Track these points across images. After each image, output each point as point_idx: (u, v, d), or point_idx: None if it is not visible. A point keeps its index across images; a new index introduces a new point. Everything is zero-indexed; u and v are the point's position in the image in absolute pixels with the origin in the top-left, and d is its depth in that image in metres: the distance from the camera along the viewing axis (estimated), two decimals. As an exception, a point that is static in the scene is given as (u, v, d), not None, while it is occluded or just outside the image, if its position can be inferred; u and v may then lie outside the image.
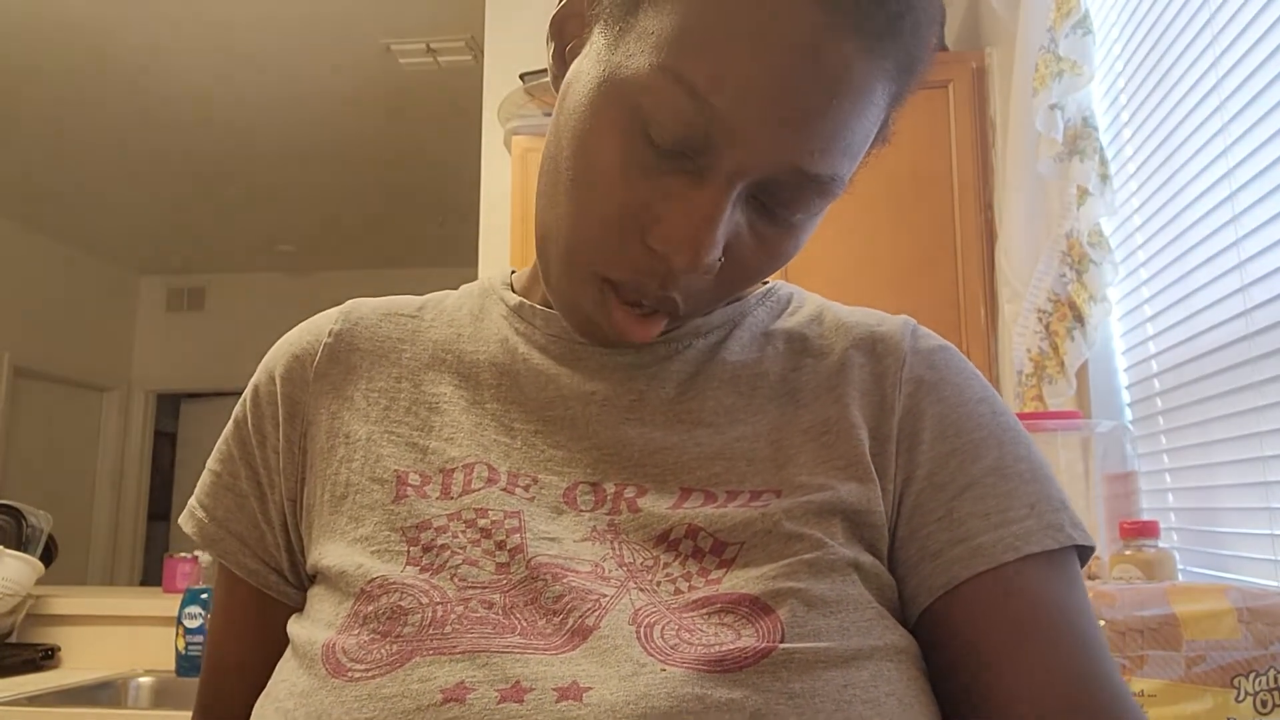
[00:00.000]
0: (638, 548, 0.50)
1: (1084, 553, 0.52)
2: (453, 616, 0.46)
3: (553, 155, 0.51)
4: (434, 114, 4.01)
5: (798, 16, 0.43)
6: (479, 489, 0.52)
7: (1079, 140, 1.42)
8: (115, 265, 6.22)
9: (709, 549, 0.49)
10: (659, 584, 0.48)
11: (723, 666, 0.43)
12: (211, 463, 0.61)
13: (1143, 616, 0.87)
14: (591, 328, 0.53)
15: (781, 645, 0.44)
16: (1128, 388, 1.51)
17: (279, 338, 0.62)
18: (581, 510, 0.52)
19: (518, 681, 0.43)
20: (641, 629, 0.45)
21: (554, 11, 0.54)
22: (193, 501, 0.60)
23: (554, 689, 0.42)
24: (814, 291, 0.64)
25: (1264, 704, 0.81)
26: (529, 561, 0.49)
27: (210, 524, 0.58)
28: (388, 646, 0.46)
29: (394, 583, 0.48)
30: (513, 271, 0.65)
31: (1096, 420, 1.46)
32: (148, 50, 3.53)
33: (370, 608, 0.48)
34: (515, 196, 2.33)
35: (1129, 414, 1.51)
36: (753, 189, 0.48)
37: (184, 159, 4.54)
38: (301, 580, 0.57)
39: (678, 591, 0.48)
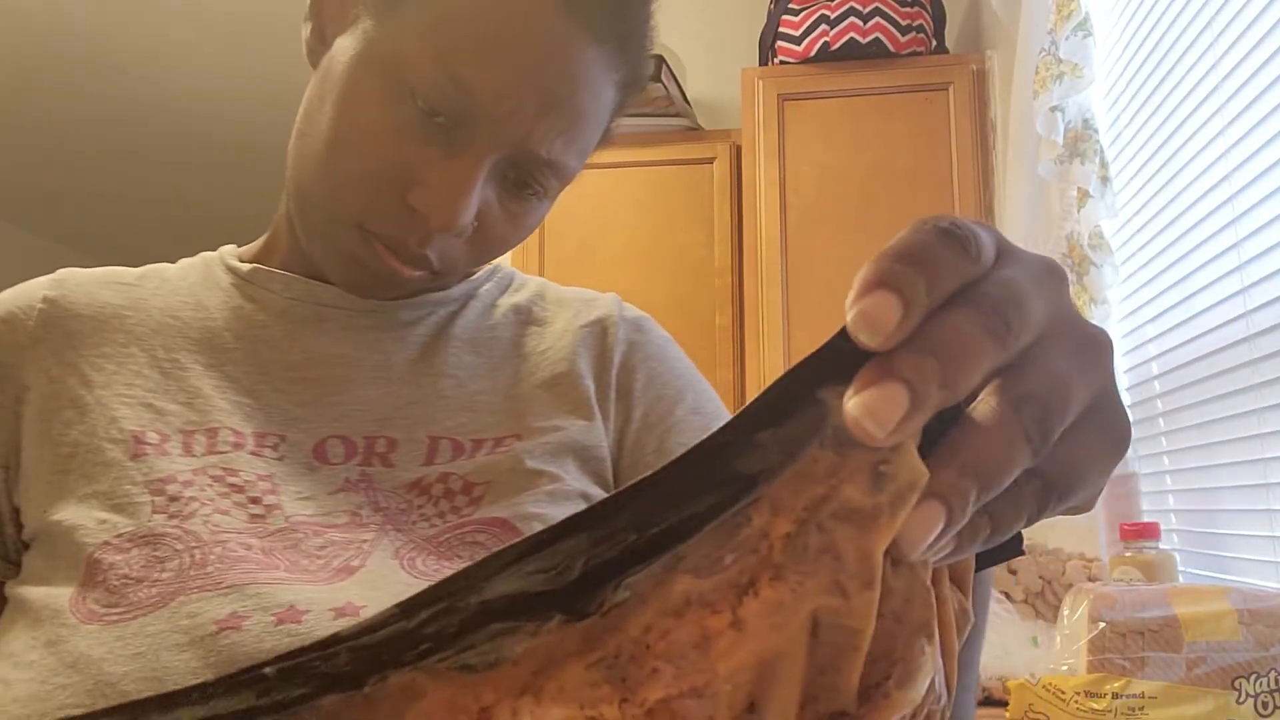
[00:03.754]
0: (391, 494, 0.53)
1: None
2: (213, 557, 0.47)
3: (312, 119, 0.55)
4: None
5: (548, 22, 0.51)
6: (226, 451, 0.52)
7: (1079, 142, 1.42)
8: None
9: (459, 489, 0.53)
10: (415, 523, 0.51)
11: None
12: None
13: (1143, 618, 0.87)
14: (354, 270, 0.56)
15: None
16: (1128, 389, 1.51)
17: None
18: (333, 463, 0.54)
19: (292, 605, 0.44)
20: (404, 561, 0.49)
21: None
22: None
23: (330, 609, 0.44)
24: (814, 293, 0.67)
25: (1264, 705, 0.81)
26: (287, 518, 0.50)
27: None
28: (146, 590, 0.45)
29: (143, 535, 0.47)
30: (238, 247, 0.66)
31: (1097, 422, 1.46)
32: (151, 51, 3.54)
33: (119, 558, 0.47)
34: (516, 198, 2.34)
35: (1129, 416, 1.51)
36: (501, 166, 0.54)
37: (187, 161, 4.55)
38: (9, 551, 0.55)
39: (433, 528, 0.51)
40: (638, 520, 0.22)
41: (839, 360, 0.22)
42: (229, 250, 0.65)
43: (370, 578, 0.47)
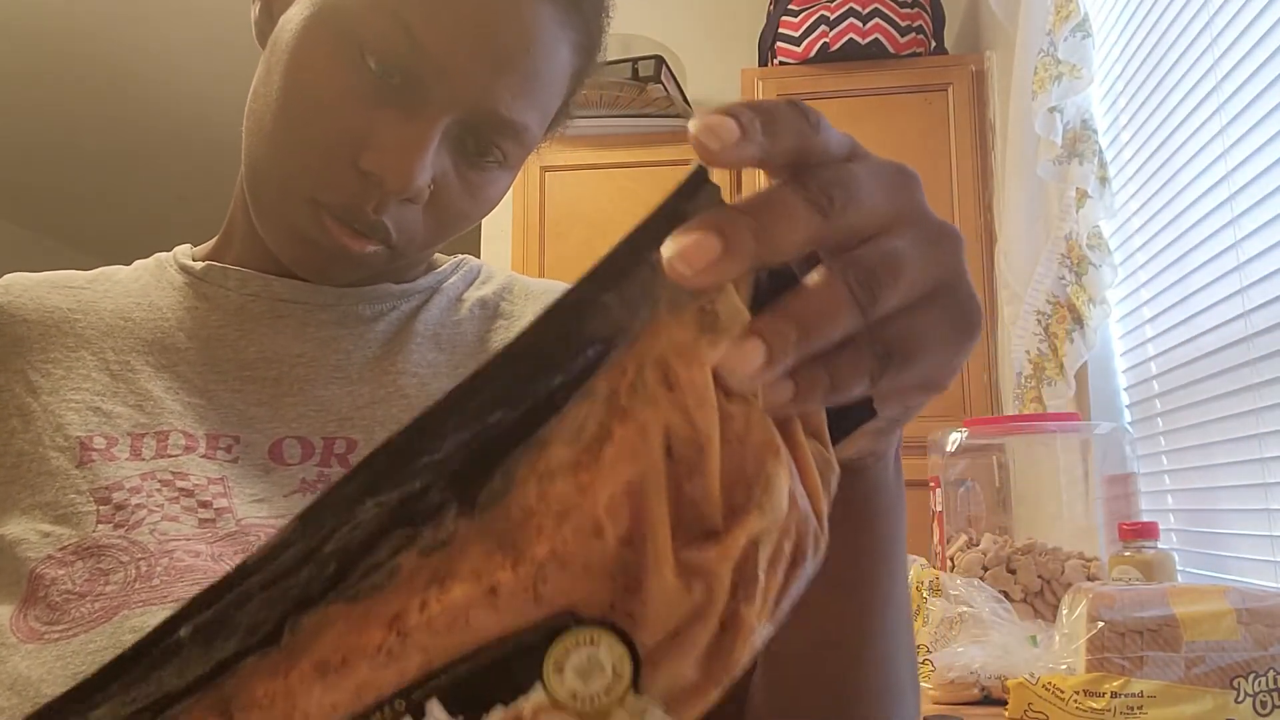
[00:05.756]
0: None
1: None
2: (159, 568, 0.45)
3: (262, 95, 0.53)
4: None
5: None
6: (176, 455, 0.51)
7: (1078, 143, 1.42)
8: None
9: None
10: None
11: None
12: None
13: (1142, 618, 0.87)
14: (307, 251, 0.54)
15: None
16: (1127, 389, 1.52)
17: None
18: (289, 464, 0.52)
19: None
20: None
21: None
22: None
23: None
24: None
25: (1263, 705, 0.81)
26: (238, 521, 0.48)
27: None
28: (89, 605, 0.44)
29: (87, 546, 0.46)
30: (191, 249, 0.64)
31: (1096, 422, 1.46)
32: (156, 51, 3.54)
33: (61, 572, 0.45)
34: (516, 195, 2.34)
35: (1128, 416, 1.51)
36: (457, 130, 0.52)
37: (188, 159, 4.55)
38: None
39: None
40: (505, 395, 0.23)
41: (669, 223, 0.24)
42: (183, 250, 0.63)
43: None
